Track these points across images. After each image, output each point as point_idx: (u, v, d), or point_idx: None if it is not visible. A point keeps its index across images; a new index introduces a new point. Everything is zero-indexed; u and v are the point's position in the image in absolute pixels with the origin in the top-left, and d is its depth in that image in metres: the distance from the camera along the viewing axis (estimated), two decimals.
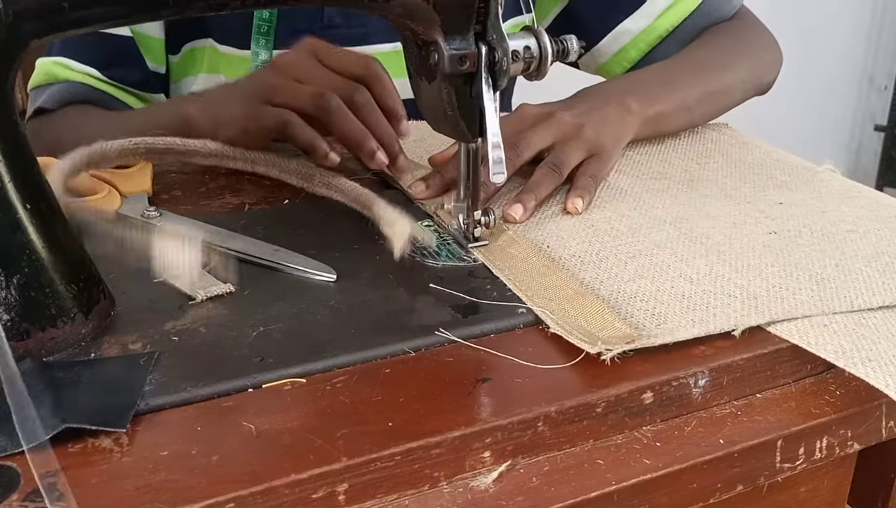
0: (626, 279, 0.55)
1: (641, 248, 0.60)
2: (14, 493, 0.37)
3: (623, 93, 0.77)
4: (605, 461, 0.44)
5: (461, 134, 0.57)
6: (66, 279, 0.48)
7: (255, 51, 0.88)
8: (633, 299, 0.53)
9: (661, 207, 0.67)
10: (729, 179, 0.74)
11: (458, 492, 0.42)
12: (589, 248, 0.60)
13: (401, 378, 0.46)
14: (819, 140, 2.63)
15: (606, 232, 0.63)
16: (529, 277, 0.56)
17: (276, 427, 0.42)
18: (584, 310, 0.51)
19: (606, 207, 0.67)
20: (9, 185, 0.46)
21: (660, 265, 0.57)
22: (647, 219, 0.65)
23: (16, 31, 0.44)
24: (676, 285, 0.55)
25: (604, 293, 0.54)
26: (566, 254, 0.59)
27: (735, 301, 0.53)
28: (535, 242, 0.61)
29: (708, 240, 0.61)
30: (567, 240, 0.61)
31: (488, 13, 0.53)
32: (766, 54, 0.93)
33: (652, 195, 0.70)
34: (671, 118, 0.81)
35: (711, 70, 0.86)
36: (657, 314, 0.51)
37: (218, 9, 0.49)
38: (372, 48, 0.92)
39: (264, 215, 0.66)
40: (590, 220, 0.65)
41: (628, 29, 0.93)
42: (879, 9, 2.61)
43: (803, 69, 2.44)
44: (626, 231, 0.63)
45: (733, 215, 0.66)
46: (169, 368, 0.46)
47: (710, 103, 0.85)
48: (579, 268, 0.57)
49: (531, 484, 0.42)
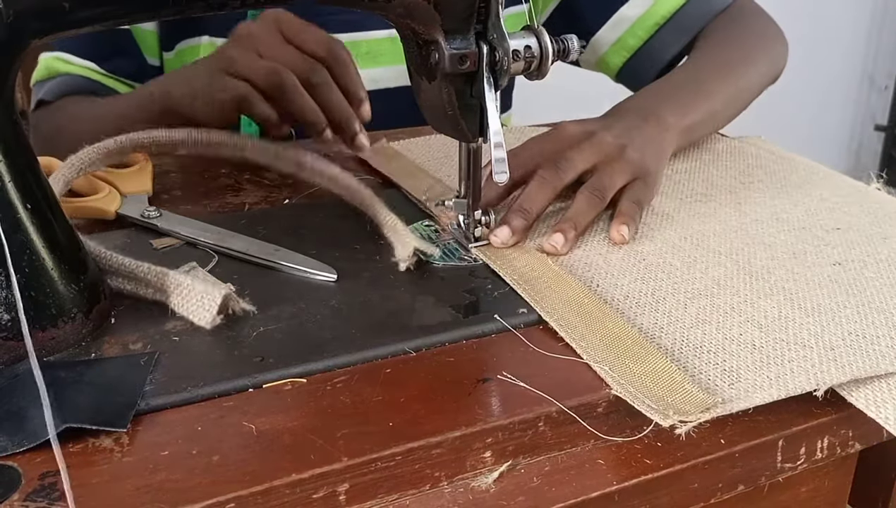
0: (689, 325, 0.51)
1: (700, 287, 0.56)
2: (14, 493, 0.37)
3: (657, 107, 0.75)
4: (606, 461, 0.44)
5: (461, 133, 0.57)
6: (67, 279, 0.48)
7: None
8: (700, 350, 0.49)
9: (713, 236, 0.63)
10: (778, 201, 0.70)
11: (458, 492, 0.42)
12: (643, 287, 0.55)
13: (401, 378, 0.46)
14: (819, 140, 2.63)
15: (660, 267, 0.58)
16: (583, 323, 0.50)
17: (276, 427, 0.42)
18: (648, 368, 0.46)
19: (655, 237, 0.63)
20: (9, 185, 0.46)
21: (723, 307, 0.53)
22: (701, 251, 0.61)
23: (16, 30, 0.44)
24: (745, 332, 0.50)
25: (666, 342, 0.50)
26: (618, 294, 0.55)
27: (811, 352, 0.49)
28: (583, 280, 0.56)
29: (770, 276, 0.57)
30: (618, 278, 0.57)
31: (489, 12, 0.53)
32: (778, 44, 0.93)
33: (701, 221, 0.66)
34: (702, 126, 0.80)
35: (735, 68, 0.85)
36: (729, 370, 0.47)
37: (218, 8, 0.49)
38: (367, 34, 0.91)
39: (264, 215, 0.66)
40: (640, 253, 0.60)
41: (626, 16, 0.93)
42: (879, 9, 2.61)
43: (803, 69, 2.44)
44: (681, 266, 0.58)
45: (790, 243, 0.62)
46: (169, 368, 0.46)
47: (734, 103, 0.84)
48: (635, 312, 0.53)
49: (532, 484, 0.42)
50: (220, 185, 0.72)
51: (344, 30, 0.90)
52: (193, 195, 0.70)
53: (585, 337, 0.49)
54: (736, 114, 0.86)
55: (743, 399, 0.44)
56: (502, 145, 0.54)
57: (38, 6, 0.45)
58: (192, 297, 0.50)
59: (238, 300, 0.50)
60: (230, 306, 0.50)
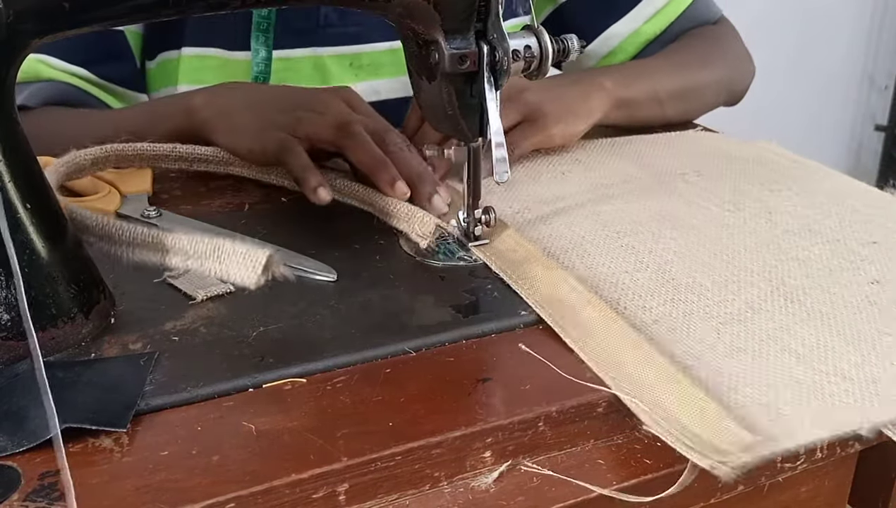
0: (724, 353, 0.48)
1: (733, 311, 0.53)
2: (14, 493, 0.37)
3: (597, 74, 0.79)
4: (606, 461, 0.44)
5: (462, 133, 0.57)
6: (66, 279, 0.48)
7: (254, 48, 0.88)
8: (738, 382, 0.46)
9: (744, 251, 0.60)
10: (810, 211, 0.68)
11: (458, 492, 0.42)
12: (673, 310, 0.53)
13: (401, 378, 0.46)
14: (819, 140, 2.63)
15: (690, 288, 0.55)
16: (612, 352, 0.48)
17: (276, 427, 0.42)
18: (683, 402, 0.43)
19: (685, 254, 0.60)
20: (9, 185, 0.46)
21: (759, 334, 0.50)
22: (732, 270, 0.58)
23: (16, 30, 0.44)
24: (783, 362, 0.48)
25: (700, 373, 0.46)
26: (647, 318, 0.52)
27: (853, 385, 0.46)
28: (609, 301, 0.53)
29: (806, 298, 0.55)
30: (646, 300, 0.54)
31: (489, 12, 0.53)
32: (741, 63, 0.96)
33: (730, 234, 0.63)
34: (644, 106, 0.82)
35: (686, 67, 0.89)
36: (769, 404, 0.44)
37: (218, 8, 0.49)
38: (367, 47, 0.92)
39: (264, 215, 0.66)
40: (669, 272, 0.57)
41: (617, 32, 0.95)
42: (879, 9, 2.61)
43: (803, 69, 2.45)
44: (713, 286, 0.56)
45: (825, 258, 0.60)
46: (169, 368, 0.46)
47: (682, 100, 0.87)
48: (666, 338, 0.50)
49: (532, 484, 0.42)
50: (220, 185, 0.72)
51: (346, 42, 0.91)
52: (193, 195, 0.70)
53: (613, 365, 0.46)
54: (684, 113, 0.89)
55: (786, 438, 0.42)
56: (503, 145, 0.54)
57: (38, 6, 0.45)
58: (235, 259, 0.48)
59: (279, 263, 0.49)
60: (272, 268, 0.49)
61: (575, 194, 0.70)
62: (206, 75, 0.89)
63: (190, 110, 0.73)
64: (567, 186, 0.72)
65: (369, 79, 0.93)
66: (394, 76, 0.93)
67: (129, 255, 0.51)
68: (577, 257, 0.59)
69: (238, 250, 0.48)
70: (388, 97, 0.93)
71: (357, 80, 0.92)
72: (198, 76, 0.89)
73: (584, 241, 0.62)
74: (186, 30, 0.88)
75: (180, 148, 0.70)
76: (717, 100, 0.92)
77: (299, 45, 0.90)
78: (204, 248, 0.49)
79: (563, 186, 0.72)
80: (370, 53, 0.92)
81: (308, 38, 0.90)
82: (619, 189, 0.72)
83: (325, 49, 0.91)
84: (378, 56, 0.92)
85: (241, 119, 0.71)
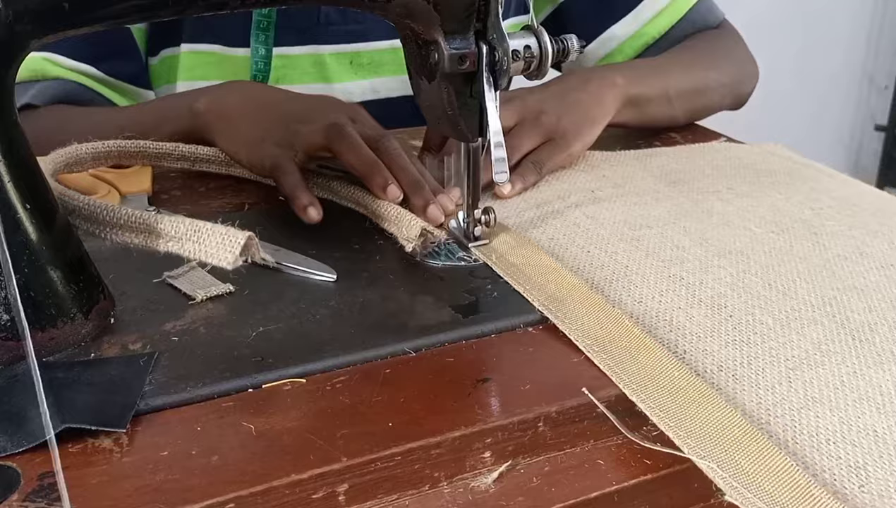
0: (798, 405, 0.45)
1: (800, 353, 0.49)
2: (14, 493, 0.37)
3: (609, 71, 0.78)
4: (606, 461, 0.44)
5: (461, 133, 0.57)
6: (66, 279, 0.48)
7: (254, 46, 0.88)
8: (817, 439, 0.43)
9: (799, 280, 0.57)
10: (856, 232, 0.65)
11: (458, 493, 0.42)
12: (737, 354, 0.49)
13: (401, 378, 0.46)
14: (819, 140, 2.63)
15: (750, 326, 0.52)
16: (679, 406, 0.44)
17: (276, 427, 0.42)
18: (764, 465, 0.40)
19: (738, 285, 0.56)
20: (9, 185, 0.46)
21: (832, 381, 0.47)
22: (791, 303, 0.54)
23: (16, 30, 0.44)
24: (862, 414, 0.45)
25: (776, 429, 0.43)
26: (710, 363, 0.48)
27: None
28: (665, 342, 0.50)
29: (875, 336, 0.51)
30: (706, 342, 0.50)
31: (488, 12, 0.53)
32: (746, 67, 0.96)
33: (780, 261, 0.60)
34: (654, 104, 0.82)
35: (696, 67, 0.88)
36: (855, 465, 0.41)
37: (218, 8, 0.49)
38: (368, 45, 0.92)
39: (264, 215, 0.66)
40: (725, 307, 0.54)
41: (616, 34, 0.95)
42: (879, 9, 2.61)
43: (803, 69, 2.45)
44: (774, 324, 0.52)
45: (884, 287, 0.57)
46: (169, 368, 0.46)
47: (690, 99, 0.87)
48: (734, 388, 0.46)
49: (532, 485, 0.42)
50: (220, 185, 0.72)
51: (346, 40, 0.91)
52: (193, 195, 0.70)
53: (680, 420, 0.43)
54: (692, 114, 0.88)
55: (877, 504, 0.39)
56: (502, 145, 0.55)
57: (38, 6, 0.44)
58: (213, 239, 0.47)
59: (259, 249, 0.48)
60: (252, 251, 0.48)
61: (609, 217, 0.66)
62: (205, 72, 0.89)
63: (194, 112, 0.73)
64: (600, 209, 0.68)
65: (369, 77, 0.93)
66: (394, 74, 0.93)
67: (113, 238, 0.51)
68: (623, 290, 0.56)
69: (217, 231, 0.47)
70: (388, 95, 0.94)
71: (357, 78, 0.92)
72: (197, 73, 0.89)
73: (628, 271, 0.58)
74: (187, 26, 0.88)
75: (183, 147, 0.70)
76: (723, 102, 0.92)
77: (299, 42, 0.90)
78: (184, 229, 0.48)
79: (595, 208, 0.68)
80: (370, 52, 0.92)
81: (308, 36, 0.90)
82: (653, 209, 0.68)
83: (325, 47, 0.91)
84: (378, 54, 0.92)
85: (241, 127, 0.71)
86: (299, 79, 0.91)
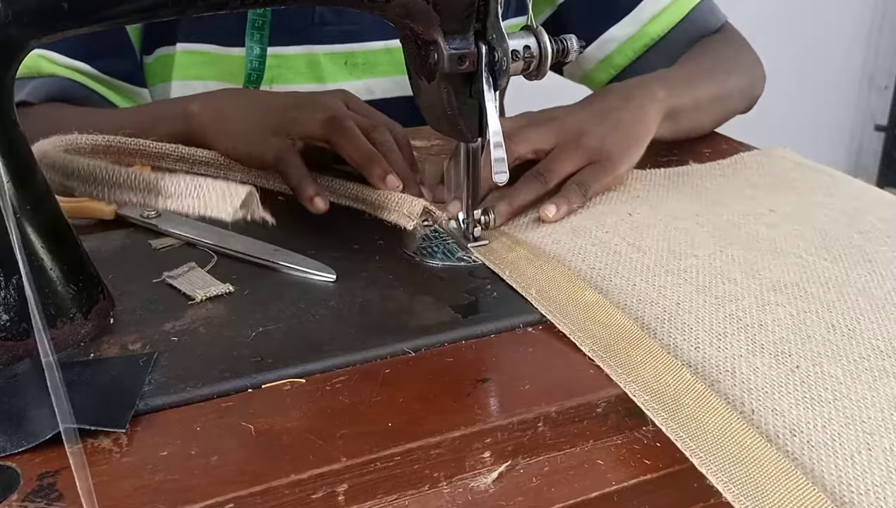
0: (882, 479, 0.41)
1: (878, 416, 0.45)
2: (14, 493, 0.37)
3: (648, 83, 0.76)
4: (606, 461, 0.44)
5: (461, 133, 0.57)
6: (66, 279, 0.48)
7: (249, 46, 0.88)
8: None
9: (862, 319, 0.53)
10: None
11: (458, 493, 0.42)
12: (810, 416, 0.45)
13: (401, 378, 0.46)
14: (819, 140, 2.63)
15: (819, 379, 0.47)
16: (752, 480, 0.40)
17: (275, 427, 0.42)
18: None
19: (799, 329, 0.52)
20: (8, 185, 0.46)
21: None
22: (859, 349, 0.50)
23: (15, 31, 0.44)
24: None
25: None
26: (783, 426, 0.44)
27: None
28: (723, 392, 0.46)
29: None
30: (776, 399, 0.46)
31: (488, 13, 0.53)
32: (756, 69, 0.95)
33: (839, 295, 0.55)
34: (687, 115, 0.80)
35: (718, 73, 0.87)
36: None
37: (217, 8, 0.49)
38: (363, 45, 0.92)
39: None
40: (790, 356, 0.49)
41: (615, 36, 0.94)
42: (879, 9, 2.61)
43: (803, 69, 2.45)
44: (844, 377, 0.47)
45: None
46: (168, 368, 0.46)
47: (717, 107, 0.85)
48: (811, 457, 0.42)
49: (531, 485, 0.42)
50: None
51: (341, 40, 0.91)
52: None
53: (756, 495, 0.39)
54: (717, 121, 0.87)
55: None
56: (502, 145, 0.54)
57: (38, 6, 0.44)
58: (214, 193, 0.48)
59: (259, 205, 0.49)
60: (252, 208, 0.48)
61: (651, 245, 0.62)
62: (200, 71, 0.89)
63: (188, 115, 0.73)
64: (641, 236, 0.63)
65: (364, 77, 0.93)
66: (388, 75, 0.93)
67: (113, 197, 0.51)
68: (677, 332, 0.51)
69: (218, 185, 0.48)
70: (383, 96, 0.93)
71: (351, 79, 0.92)
72: (192, 72, 0.89)
73: (680, 310, 0.53)
74: (182, 25, 0.88)
75: (182, 149, 0.70)
76: (739, 106, 0.90)
77: (294, 42, 0.90)
78: (185, 186, 0.49)
79: (636, 235, 0.63)
80: (365, 52, 0.92)
81: (303, 36, 0.90)
82: (696, 235, 0.64)
83: (320, 47, 0.91)
84: (373, 55, 0.92)
85: (237, 124, 0.71)
86: (294, 78, 0.91)
